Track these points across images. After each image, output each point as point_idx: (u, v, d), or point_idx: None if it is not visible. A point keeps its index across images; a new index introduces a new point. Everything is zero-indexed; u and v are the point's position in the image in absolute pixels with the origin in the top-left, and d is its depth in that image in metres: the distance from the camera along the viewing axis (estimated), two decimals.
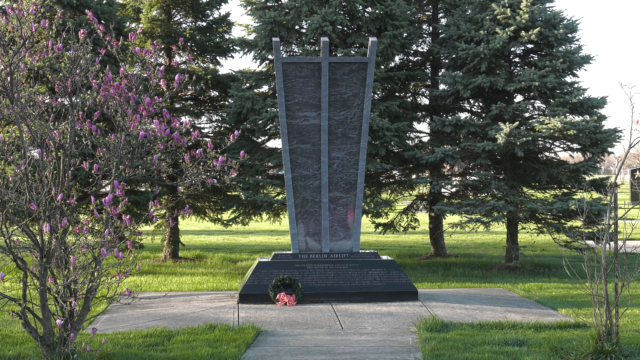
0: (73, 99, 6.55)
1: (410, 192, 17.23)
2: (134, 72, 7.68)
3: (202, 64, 16.60)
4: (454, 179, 15.97)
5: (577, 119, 13.72)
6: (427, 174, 15.41)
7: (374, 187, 15.31)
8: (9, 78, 6.29)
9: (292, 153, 10.73)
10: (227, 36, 16.62)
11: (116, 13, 14.67)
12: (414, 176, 16.34)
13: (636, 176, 12.57)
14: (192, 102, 16.80)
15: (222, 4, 16.23)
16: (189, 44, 15.82)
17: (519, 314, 9.30)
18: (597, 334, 7.04)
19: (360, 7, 14.49)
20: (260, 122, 13.93)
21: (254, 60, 14.90)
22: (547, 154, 14.62)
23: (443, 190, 15.27)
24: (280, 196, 14.56)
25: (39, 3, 6.49)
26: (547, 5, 14.22)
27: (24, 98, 6.43)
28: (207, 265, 15.10)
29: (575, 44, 14.22)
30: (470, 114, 15.63)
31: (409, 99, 16.46)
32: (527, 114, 14.51)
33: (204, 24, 16.35)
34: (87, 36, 6.58)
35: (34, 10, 6.36)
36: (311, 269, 10.34)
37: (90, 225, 6.33)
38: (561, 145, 14.28)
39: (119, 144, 6.40)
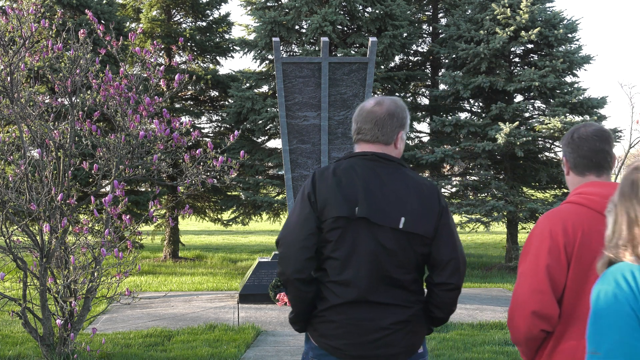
0: (73, 99, 6.55)
1: None
2: (134, 72, 7.68)
3: (202, 64, 16.61)
4: (454, 179, 15.97)
5: (577, 119, 13.72)
6: (427, 174, 15.41)
7: None
8: (9, 78, 6.29)
9: (292, 153, 10.73)
10: (227, 36, 16.63)
11: (116, 13, 14.67)
12: None
13: None
14: (192, 102, 16.80)
15: (222, 4, 16.23)
16: (189, 44, 15.82)
17: None
18: None
19: (360, 7, 14.49)
20: (260, 122, 13.93)
21: (254, 60, 14.90)
22: (547, 154, 14.62)
23: (443, 190, 15.28)
24: (280, 196, 14.56)
25: (39, 3, 6.48)
26: (547, 5, 14.23)
27: (24, 98, 6.43)
28: (207, 265, 15.10)
29: (575, 44, 14.23)
30: (470, 114, 15.63)
31: (409, 99, 16.46)
32: (527, 114, 14.51)
33: (204, 24, 16.35)
34: (87, 36, 6.58)
35: (34, 10, 6.35)
36: None
37: (90, 225, 6.33)
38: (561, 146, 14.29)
39: (119, 144, 6.40)
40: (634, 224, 1.86)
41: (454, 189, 15.48)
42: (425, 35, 17.07)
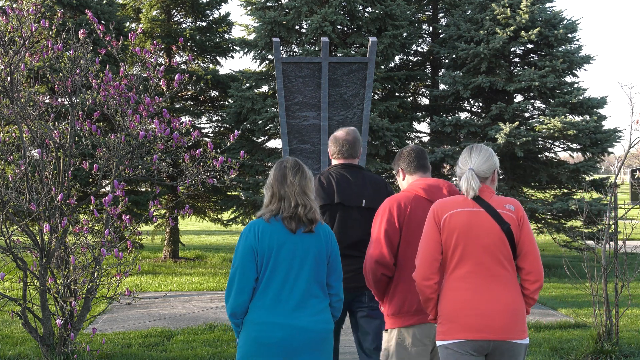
0: (73, 99, 6.55)
1: None
2: (134, 72, 7.67)
3: (202, 64, 16.60)
4: (453, 179, 15.97)
5: (577, 119, 13.72)
6: None
7: None
8: (9, 78, 6.29)
9: (292, 153, 10.71)
10: (227, 36, 16.62)
11: (116, 13, 14.67)
12: None
13: (636, 176, 12.57)
14: (192, 102, 16.80)
15: (222, 4, 16.23)
16: (189, 44, 15.82)
17: None
18: (597, 334, 7.04)
19: (360, 7, 14.48)
20: (260, 122, 13.92)
21: (254, 60, 14.89)
22: (547, 154, 14.62)
23: None
24: None
25: (39, 3, 6.48)
26: (547, 5, 14.22)
27: (24, 98, 6.43)
28: (207, 265, 15.10)
29: (575, 44, 14.23)
30: (470, 114, 15.63)
31: (409, 99, 16.46)
32: (527, 114, 14.50)
33: (204, 24, 16.35)
34: (87, 36, 6.57)
35: (34, 10, 6.35)
36: None
37: (90, 225, 6.33)
38: (561, 145, 14.28)
39: (119, 144, 6.40)
40: None
41: None
42: (425, 35, 17.06)
